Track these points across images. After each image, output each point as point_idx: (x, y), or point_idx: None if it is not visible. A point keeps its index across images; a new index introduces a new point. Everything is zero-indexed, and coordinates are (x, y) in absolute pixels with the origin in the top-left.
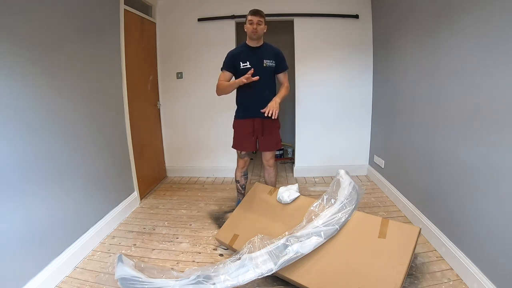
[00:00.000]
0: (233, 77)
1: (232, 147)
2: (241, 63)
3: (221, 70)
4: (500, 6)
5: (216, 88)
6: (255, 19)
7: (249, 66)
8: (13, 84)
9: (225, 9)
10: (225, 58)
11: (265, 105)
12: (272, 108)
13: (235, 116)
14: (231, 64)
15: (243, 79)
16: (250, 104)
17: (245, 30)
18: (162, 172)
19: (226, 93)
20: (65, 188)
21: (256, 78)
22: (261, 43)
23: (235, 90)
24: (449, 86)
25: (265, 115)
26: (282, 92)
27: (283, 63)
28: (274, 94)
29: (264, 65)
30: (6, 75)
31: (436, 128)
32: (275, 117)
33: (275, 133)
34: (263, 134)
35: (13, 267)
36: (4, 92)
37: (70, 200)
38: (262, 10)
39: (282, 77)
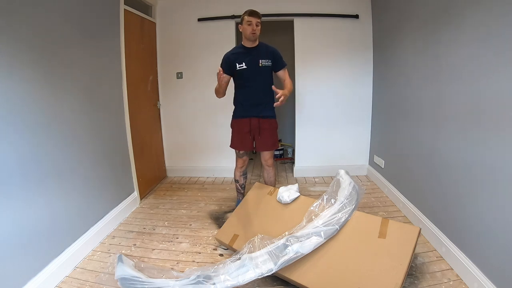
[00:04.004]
0: (232, 78)
1: (230, 146)
2: (237, 64)
3: None
4: (501, 8)
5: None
6: (254, 20)
7: (245, 67)
8: (12, 84)
9: (225, 9)
10: (222, 60)
11: (261, 104)
12: (283, 95)
13: (232, 115)
14: (228, 67)
15: (220, 78)
16: (247, 104)
17: (241, 30)
18: (162, 172)
19: (221, 95)
20: (65, 188)
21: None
22: (257, 43)
23: (233, 90)
24: (450, 87)
25: (276, 97)
26: (289, 87)
27: (281, 60)
28: (271, 93)
29: (260, 65)
30: (5, 75)
31: (436, 128)
32: (279, 104)
33: (272, 133)
34: (260, 134)
35: (13, 267)
36: (3, 92)
37: (70, 200)
38: (262, 10)
39: (282, 74)
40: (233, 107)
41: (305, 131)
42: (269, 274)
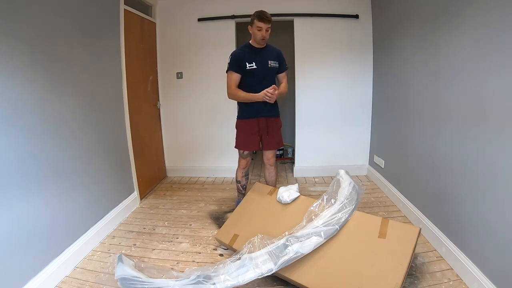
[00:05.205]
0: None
1: (236, 147)
2: (247, 63)
3: (227, 71)
4: (501, 9)
5: (230, 93)
6: (265, 26)
7: (255, 66)
8: (12, 84)
9: (225, 9)
10: (231, 59)
11: (268, 105)
12: (277, 90)
13: (238, 116)
14: (238, 65)
15: (266, 97)
16: (254, 104)
17: (250, 31)
18: (162, 172)
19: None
20: (65, 188)
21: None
22: (264, 44)
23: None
24: (450, 87)
25: (268, 94)
26: (282, 88)
27: (284, 63)
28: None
29: (269, 66)
30: (5, 75)
31: (436, 128)
32: (272, 101)
33: (278, 131)
34: (268, 133)
35: (13, 267)
36: (4, 92)
37: (70, 200)
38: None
39: (282, 77)
40: (233, 108)
41: (305, 131)
42: (269, 274)
